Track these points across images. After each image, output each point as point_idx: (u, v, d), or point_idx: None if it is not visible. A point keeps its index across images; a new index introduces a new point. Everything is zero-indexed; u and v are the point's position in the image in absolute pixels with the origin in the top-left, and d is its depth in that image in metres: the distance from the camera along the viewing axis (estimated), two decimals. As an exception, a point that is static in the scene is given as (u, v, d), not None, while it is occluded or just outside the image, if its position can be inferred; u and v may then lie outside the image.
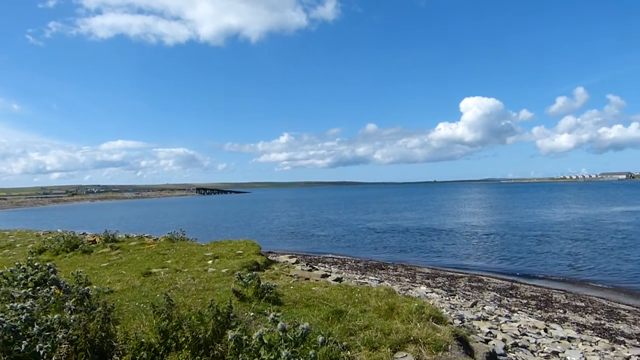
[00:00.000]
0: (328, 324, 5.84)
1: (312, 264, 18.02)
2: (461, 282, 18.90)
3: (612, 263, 24.64)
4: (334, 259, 25.77)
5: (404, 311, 6.01)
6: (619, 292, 18.97)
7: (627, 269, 23.20)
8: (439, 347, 5.09)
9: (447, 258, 27.84)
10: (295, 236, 41.23)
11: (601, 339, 11.11)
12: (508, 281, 20.27)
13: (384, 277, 19.23)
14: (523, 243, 32.72)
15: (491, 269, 24.27)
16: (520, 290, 17.92)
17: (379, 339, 5.31)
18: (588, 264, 24.55)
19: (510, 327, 10.91)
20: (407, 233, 40.64)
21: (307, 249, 31.96)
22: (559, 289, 19.11)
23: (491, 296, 16.32)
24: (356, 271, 20.68)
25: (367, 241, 36.30)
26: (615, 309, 15.63)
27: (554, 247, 30.58)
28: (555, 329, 11.59)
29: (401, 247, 32.48)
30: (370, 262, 24.48)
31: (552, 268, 24.10)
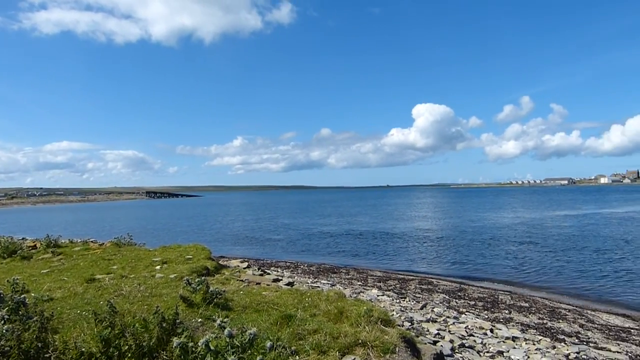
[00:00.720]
0: (277, 329, 5.79)
1: (264, 269, 17.89)
2: (412, 285, 19.21)
3: (555, 265, 25.70)
4: (287, 263, 25.67)
5: (353, 315, 6.04)
6: (560, 293, 19.80)
7: (568, 270, 24.25)
8: (387, 349, 5.14)
9: (398, 261, 28.28)
10: (248, 241, 40.85)
11: (543, 338, 11.51)
12: (457, 283, 20.79)
13: (337, 280, 19.31)
14: (472, 246, 33.67)
15: (441, 271, 24.83)
16: (468, 292, 18.39)
17: (328, 342, 5.30)
18: (532, 266, 25.52)
19: (458, 328, 11.16)
20: (361, 237, 41.04)
21: (260, 254, 31.72)
22: (505, 290, 19.76)
23: (440, 298, 16.67)
24: (309, 275, 20.67)
25: (320, 245, 36.41)
26: (556, 308, 16.28)
27: (501, 249, 31.61)
28: (501, 329, 11.93)
29: (354, 251, 32.75)
30: (323, 266, 24.55)
31: (499, 270, 24.90)
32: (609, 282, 21.47)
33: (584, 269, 24.27)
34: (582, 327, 13.58)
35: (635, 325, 14.46)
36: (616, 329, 13.65)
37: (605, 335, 12.66)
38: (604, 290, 20.13)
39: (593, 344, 11.38)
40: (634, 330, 13.54)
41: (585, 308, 16.88)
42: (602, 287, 20.66)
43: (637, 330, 13.71)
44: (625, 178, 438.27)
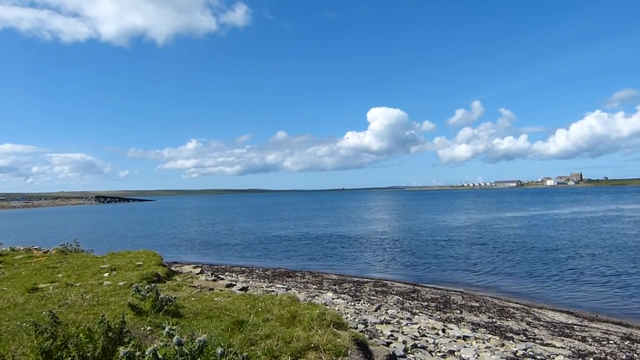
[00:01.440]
0: (229, 335, 5.70)
1: (218, 274, 17.62)
2: (366, 287, 19.38)
3: (504, 265, 26.54)
4: (242, 268, 25.40)
5: (306, 318, 6.02)
6: (509, 292, 20.45)
7: (517, 270, 25.09)
8: (339, 352, 5.15)
9: (354, 264, 28.49)
10: (202, 246, 40.16)
11: (493, 336, 11.83)
12: (411, 285, 21.13)
13: (292, 284, 19.25)
14: (425, 248, 34.32)
15: (395, 273, 25.19)
16: (421, 293, 18.71)
17: (280, 347, 5.26)
18: (483, 267, 26.26)
19: (411, 329, 11.32)
20: (316, 240, 41.11)
21: (215, 259, 31.26)
22: (457, 290, 20.23)
23: (394, 300, 16.89)
24: (264, 280, 20.52)
25: (276, 249, 36.24)
26: (506, 307, 16.79)
27: (453, 251, 32.37)
28: (453, 328, 12.20)
29: (310, 255, 32.77)
30: (279, 270, 24.43)
31: (452, 271, 25.49)
32: (555, 281, 22.34)
33: (532, 269, 25.16)
34: (529, 324, 14.05)
35: (578, 322, 15.10)
36: (560, 325, 14.20)
37: (551, 332, 13.14)
38: (550, 288, 20.93)
39: (539, 341, 11.80)
40: (576, 327, 14.13)
41: (532, 306, 17.48)
42: (548, 285, 21.48)
43: (580, 326, 14.31)
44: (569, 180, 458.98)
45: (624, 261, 26.54)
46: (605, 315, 16.51)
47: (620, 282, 21.38)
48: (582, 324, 14.82)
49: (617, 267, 24.67)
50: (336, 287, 19.32)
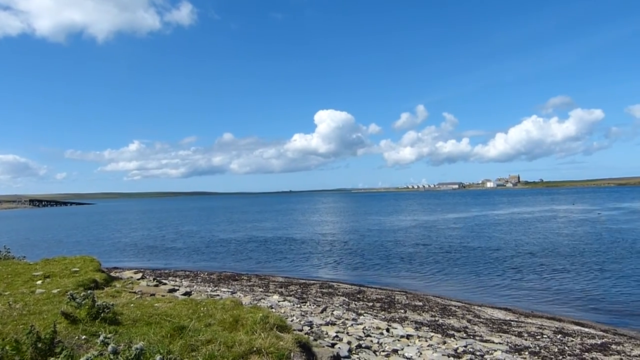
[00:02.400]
0: (169, 341, 5.53)
1: (161, 279, 17.15)
2: (313, 289, 19.42)
3: (447, 265, 27.33)
4: (186, 272, 24.84)
5: (249, 322, 5.94)
6: (451, 291, 21.07)
7: (458, 269, 25.90)
8: (282, 355, 5.10)
9: (301, 267, 28.51)
10: (145, 250, 38.98)
11: (435, 334, 12.11)
12: (357, 286, 21.35)
13: (238, 288, 19.00)
14: (371, 249, 34.80)
15: (342, 275, 25.41)
16: (367, 294, 18.93)
17: (222, 352, 5.16)
18: (427, 267, 26.93)
19: (356, 330, 11.41)
20: (264, 243, 40.85)
21: (158, 264, 30.42)
22: (402, 290, 20.64)
23: (340, 301, 16.99)
24: (209, 284, 20.15)
25: (223, 253, 35.72)
26: (447, 306, 17.26)
27: (398, 252, 33.00)
28: (397, 328, 12.39)
29: (257, 258, 32.51)
30: (224, 274, 24.08)
31: (396, 271, 25.99)
32: (494, 279, 23.22)
33: (473, 268, 26.03)
34: (469, 322, 14.50)
35: (515, 318, 15.74)
36: (499, 322, 14.75)
37: (490, 329, 13.61)
38: (490, 287, 21.73)
39: (479, 337, 12.19)
40: (514, 323, 14.72)
41: (472, 304, 18.08)
42: (488, 284, 22.30)
43: (517, 322, 14.92)
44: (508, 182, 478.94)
45: (558, 260, 27.93)
46: (540, 311, 17.32)
47: (554, 280, 22.47)
48: (518, 320, 15.45)
49: (552, 266, 25.93)
50: (282, 289, 19.24)
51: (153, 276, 18.31)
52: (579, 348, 11.64)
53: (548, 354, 10.81)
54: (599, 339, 12.94)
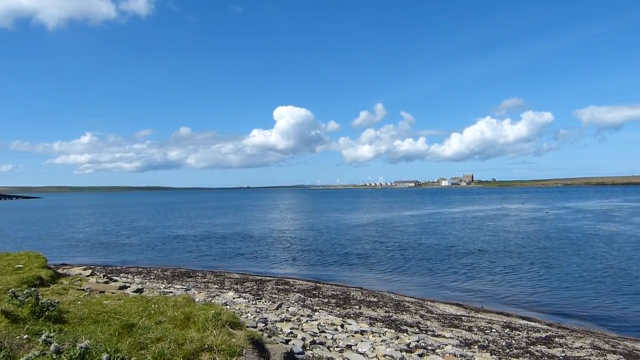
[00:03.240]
0: (117, 340, 5.37)
1: (112, 276, 16.69)
2: (269, 286, 19.34)
3: (402, 261, 27.80)
4: (139, 268, 24.25)
5: (201, 319, 5.85)
6: (405, 287, 21.45)
7: (412, 265, 26.39)
8: (234, 352, 5.05)
9: (257, 263, 28.37)
10: (97, 246, 37.79)
11: (389, 330, 12.29)
12: (313, 282, 21.42)
13: (192, 285, 18.70)
14: (328, 246, 34.98)
15: (298, 271, 25.44)
16: (323, 290, 19.00)
17: (172, 350, 5.06)
18: (382, 263, 27.31)
19: (311, 326, 11.42)
20: (220, 239, 40.38)
21: (110, 260, 29.56)
22: (357, 287, 20.84)
23: (296, 297, 16.99)
24: (162, 280, 19.75)
25: (178, 249, 35.08)
26: (401, 301, 17.54)
27: (354, 248, 33.30)
28: (351, 324, 12.49)
29: (213, 254, 32.12)
30: (179, 270, 23.66)
31: (353, 268, 26.24)
32: (447, 275, 23.79)
33: (427, 265, 26.59)
34: (422, 317, 14.78)
35: (465, 313, 16.17)
36: (450, 317, 15.11)
37: (442, 324, 13.93)
38: (442, 283, 22.24)
39: (431, 332, 12.45)
40: (464, 318, 15.11)
41: (425, 300, 18.46)
42: (441, 280, 22.83)
43: (467, 317, 15.33)
44: (462, 181, 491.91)
45: (508, 257, 28.89)
46: (490, 306, 17.87)
47: (504, 276, 23.23)
48: (469, 315, 15.89)
49: (502, 262, 26.79)
50: (238, 286, 19.08)
51: (104, 273, 17.80)
52: (525, 341, 12.07)
53: (496, 347, 11.16)
54: (544, 332, 13.46)
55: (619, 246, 32.18)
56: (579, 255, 28.76)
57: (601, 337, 13.81)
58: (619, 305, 17.74)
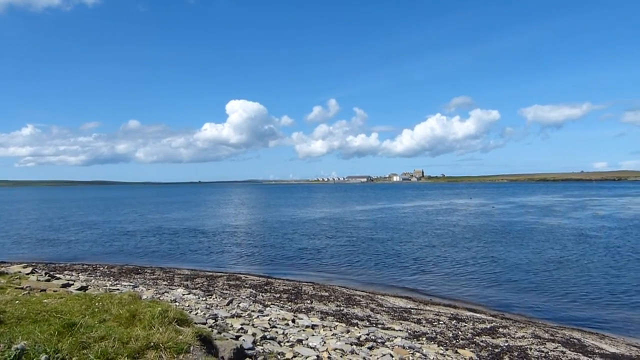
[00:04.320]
0: (57, 340, 5.16)
1: (55, 273, 16.01)
2: (220, 282, 19.12)
3: (353, 255, 28.09)
4: (84, 265, 23.43)
5: (147, 317, 5.70)
6: (356, 281, 21.71)
7: (364, 260, 26.72)
8: (181, 349, 4.96)
9: (208, 259, 27.97)
10: (39, 243, 36.14)
11: (340, 323, 12.39)
12: (264, 277, 21.34)
13: (140, 282, 18.24)
14: (280, 241, 34.91)
15: (250, 267, 25.28)
16: (274, 286, 18.95)
17: (117, 349, 4.90)
18: (334, 258, 27.51)
19: (262, 321, 11.37)
20: (170, 235, 39.55)
21: (55, 257, 28.38)
22: (309, 281, 20.93)
23: (247, 293, 16.87)
24: (109, 278, 19.15)
25: (126, 245, 34.07)
26: (352, 295, 17.73)
27: (307, 243, 33.40)
28: (302, 318, 12.51)
29: (162, 250, 31.42)
30: (126, 267, 23.02)
31: (305, 262, 26.31)
32: (397, 269, 24.25)
33: (377, 259, 26.99)
34: (373, 310, 15.00)
35: (415, 306, 16.54)
36: (400, 310, 15.41)
37: (391, 317, 14.18)
38: (393, 276, 22.66)
39: (381, 325, 12.65)
40: (413, 310, 15.45)
41: (376, 294, 18.75)
42: (391, 273, 23.25)
43: (416, 309, 15.68)
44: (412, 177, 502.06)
45: (456, 250, 29.74)
46: (438, 299, 18.35)
47: (452, 269, 23.90)
48: (418, 307, 16.26)
49: (450, 256, 27.55)
50: (188, 282, 18.76)
51: (46, 270, 17.05)
52: (471, 332, 12.47)
53: (443, 338, 11.46)
54: (489, 323, 13.95)
55: (559, 239, 33.74)
56: (522, 248, 29.96)
57: (541, 326, 14.46)
58: (558, 296, 18.62)
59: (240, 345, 7.26)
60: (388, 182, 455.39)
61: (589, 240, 32.94)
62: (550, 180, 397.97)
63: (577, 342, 12.46)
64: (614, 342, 13.18)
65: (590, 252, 28.15)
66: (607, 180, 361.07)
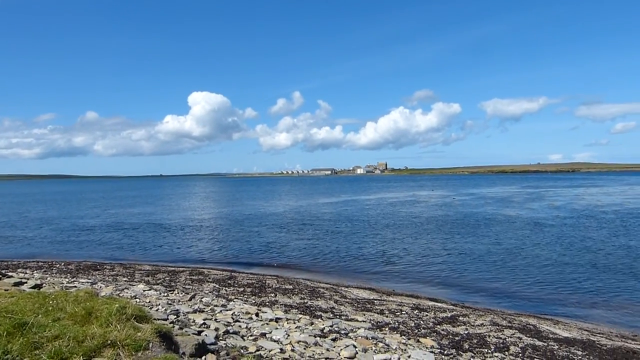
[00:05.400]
0: (7, 340, 4.95)
1: (7, 271, 15.43)
2: (182, 277, 18.84)
3: (317, 247, 28.18)
4: (39, 263, 22.64)
5: (104, 314, 5.53)
6: (321, 273, 21.78)
7: (328, 251, 26.83)
8: (139, 346, 4.84)
9: (170, 253, 27.53)
10: (-10, 239, 34.76)
11: (303, 316, 12.40)
12: (228, 271, 21.16)
13: (99, 278, 17.78)
14: (244, 234, 34.68)
15: (213, 261, 25.02)
16: (238, 279, 18.81)
17: (71, 348, 4.74)
18: (297, 250, 27.53)
19: (225, 316, 11.26)
20: (131, 230, 38.68)
21: (8, 254, 27.32)
22: (273, 274, 20.87)
23: (210, 287, 16.69)
24: (65, 275, 18.57)
25: (86, 241, 33.11)
26: (316, 288, 17.78)
27: (271, 236, 33.29)
28: (266, 312, 12.46)
29: (123, 245, 30.71)
30: (84, 264, 22.39)
31: (269, 255, 26.23)
32: (360, 260, 24.46)
33: (341, 250, 27.16)
34: (336, 302, 15.09)
35: (378, 297, 16.72)
36: (363, 301, 15.54)
37: (355, 308, 14.29)
38: (356, 267, 22.86)
39: (344, 317, 12.73)
40: (377, 301, 15.61)
41: (340, 285, 18.86)
42: (354, 265, 23.45)
43: (379, 300, 15.85)
44: (376, 169, 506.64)
45: (418, 241, 30.23)
46: (400, 289, 18.61)
47: (414, 259, 24.28)
48: (381, 298, 16.45)
49: (412, 247, 28.00)
50: (149, 278, 18.40)
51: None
52: (432, 321, 12.70)
53: (405, 328, 11.63)
54: (449, 312, 14.25)
55: (517, 229, 34.76)
56: (482, 238, 30.71)
57: (500, 314, 14.87)
58: (516, 284, 19.19)
59: (202, 340, 7.17)
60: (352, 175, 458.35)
61: (545, 230, 34.06)
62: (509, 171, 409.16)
63: (533, 328, 12.86)
64: (566, 327, 13.68)
65: (545, 241, 29.11)
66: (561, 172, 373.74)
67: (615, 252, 25.09)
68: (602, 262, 22.61)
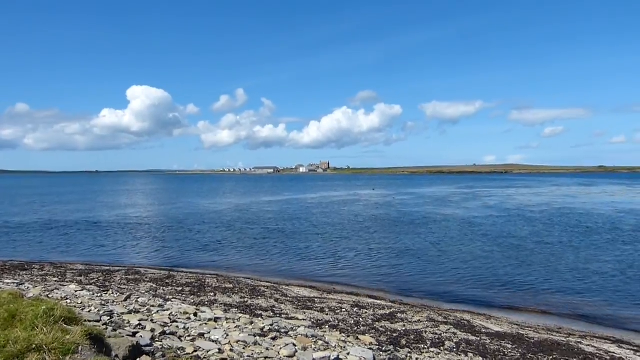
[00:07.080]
0: None
1: None
2: (117, 276, 18.19)
3: (256, 246, 28.04)
4: (-40, 262, 21.19)
5: (29, 317, 5.23)
6: (261, 272, 21.68)
7: (267, 250, 26.75)
8: (68, 350, 4.61)
9: (105, 252, 26.50)
10: None
11: (243, 315, 12.28)
12: (166, 271, 20.64)
13: (27, 278, 16.84)
14: (183, 233, 33.95)
15: (150, 260, 24.33)
16: (176, 279, 18.38)
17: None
18: (239, 249, 27.31)
19: (162, 316, 10.97)
20: (63, 228, 36.90)
21: None
22: (213, 273, 20.56)
23: (147, 287, 16.22)
24: (-11, 275, 17.48)
25: (13, 240, 31.18)
26: (257, 286, 17.67)
27: (211, 234, 32.78)
28: (205, 311, 12.24)
29: (54, 244, 29.27)
30: (11, 263, 21.17)
31: (208, 254, 25.84)
32: (301, 258, 24.54)
33: (283, 248, 27.17)
34: (277, 301, 15.05)
35: (318, 295, 16.83)
36: (304, 299, 15.60)
37: (295, 306, 14.32)
38: (297, 265, 22.93)
39: (285, 315, 12.73)
40: (317, 300, 15.71)
41: (281, 284, 18.83)
42: (295, 263, 23.53)
43: (320, 298, 15.96)
44: (319, 168, 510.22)
45: (358, 239, 30.69)
46: (341, 287, 18.82)
47: (353, 257, 24.64)
48: (322, 296, 16.56)
49: (352, 244, 28.40)
50: (82, 278, 17.64)
51: None
52: (372, 318, 12.93)
53: (345, 326, 11.78)
54: (388, 309, 14.56)
55: (453, 228, 36.03)
56: (420, 236, 31.59)
57: (436, 310, 15.35)
58: (451, 281, 19.88)
59: (137, 342, 6.95)
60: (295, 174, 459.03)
61: (479, 229, 35.49)
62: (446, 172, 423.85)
63: (467, 323, 13.37)
64: (498, 322, 14.31)
65: (479, 239, 30.33)
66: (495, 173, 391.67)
67: (544, 249, 26.52)
68: (531, 259, 23.83)
